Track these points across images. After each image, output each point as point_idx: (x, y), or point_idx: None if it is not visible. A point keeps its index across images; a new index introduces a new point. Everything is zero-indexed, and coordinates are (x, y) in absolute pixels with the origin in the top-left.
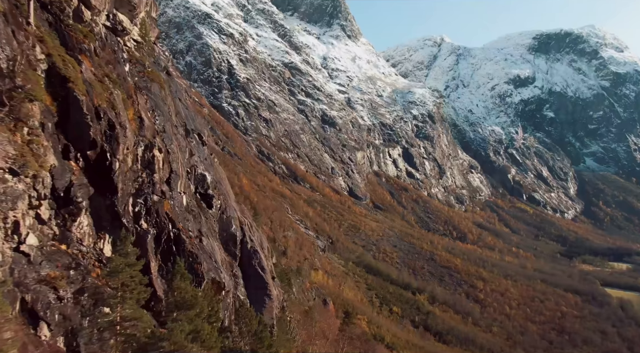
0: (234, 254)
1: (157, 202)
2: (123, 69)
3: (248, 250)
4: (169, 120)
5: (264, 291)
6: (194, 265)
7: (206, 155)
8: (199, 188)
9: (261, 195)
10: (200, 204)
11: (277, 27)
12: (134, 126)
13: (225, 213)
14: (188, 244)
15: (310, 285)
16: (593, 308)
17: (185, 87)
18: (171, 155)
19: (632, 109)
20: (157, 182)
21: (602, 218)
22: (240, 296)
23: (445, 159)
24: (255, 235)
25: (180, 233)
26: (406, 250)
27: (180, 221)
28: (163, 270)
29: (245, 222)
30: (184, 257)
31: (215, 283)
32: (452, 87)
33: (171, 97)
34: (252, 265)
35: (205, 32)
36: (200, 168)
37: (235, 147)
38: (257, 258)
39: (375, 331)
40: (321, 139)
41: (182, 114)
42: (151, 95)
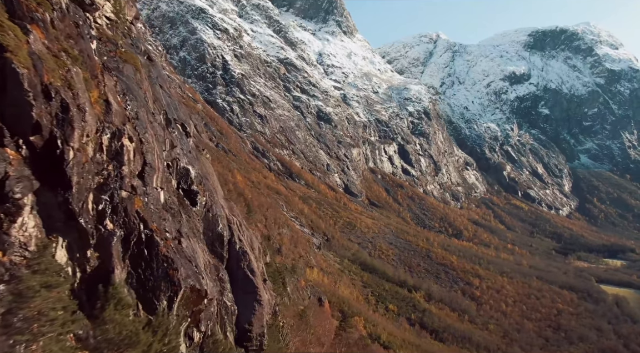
0: (220, 256)
1: (126, 199)
2: (89, 46)
3: (236, 251)
4: (143, 106)
5: (253, 296)
6: (168, 272)
7: (190, 148)
8: (181, 184)
9: (256, 191)
10: (182, 201)
11: (272, 22)
12: (98, 110)
13: (211, 211)
14: (162, 247)
15: (305, 283)
16: (589, 305)
17: (179, 82)
18: (145, 146)
19: (627, 106)
20: (127, 176)
21: (596, 215)
22: (227, 302)
23: (441, 155)
24: (245, 235)
25: (154, 235)
26: (402, 247)
27: (154, 220)
28: (133, 278)
29: (234, 221)
30: (158, 262)
31: (195, 291)
32: (447, 83)
33: (149, 82)
34: (241, 267)
35: (199, 27)
36: (183, 161)
37: (229, 143)
38: (246, 260)
39: (372, 330)
40: (316, 135)
41: (163, 102)
42: (122, 78)
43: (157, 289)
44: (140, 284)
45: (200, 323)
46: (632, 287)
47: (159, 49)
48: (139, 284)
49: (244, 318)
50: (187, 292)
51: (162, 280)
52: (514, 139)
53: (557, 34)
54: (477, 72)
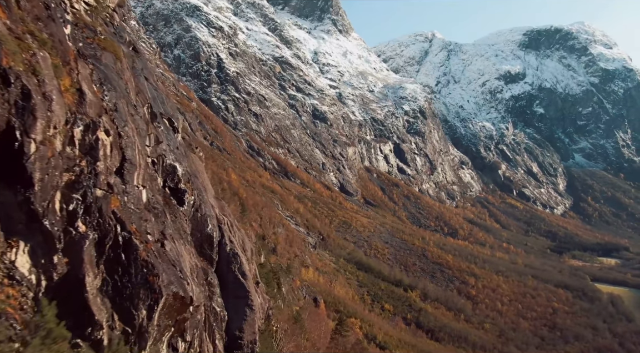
0: (209, 258)
1: (100, 198)
2: (61, 31)
3: (227, 253)
4: (124, 97)
5: (244, 301)
6: (148, 278)
7: (178, 144)
8: (167, 182)
9: (250, 191)
10: (168, 201)
11: (267, 21)
12: (69, 100)
13: (200, 211)
14: (142, 251)
15: (300, 283)
16: (584, 304)
17: (173, 80)
18: (124, 140)
19: (621, 105)
20: (102, 173)
21: (590, 214)
22: (216, 308)
23: (436, 154)
24: (237, 236)
25: (132, 238)
26: (397, 246)
27: (133, 222)
28: (108, 285)
29: (225, 221)
30: (136, 268)
31: (178, 298)
32: (443, 82)
33: (132, 73)
34: (232, 270)
35: (194, 25)
36: (170, 158)
37: (224, 142)
38: (237, 263)
39: (368, 330)
40: (312, 134)
41: (148, 95)
42: (100, 66)
43: (136, 297)
44: (117, 292)
45: (186, 333)
46: (627, 286)
47: (153, 46)
48: (115, 292)
49: (234, 325)
50: (170, 300)
51: (141, 287)
52: (509, 138)
53: (551, 33)
54: (473, 71)
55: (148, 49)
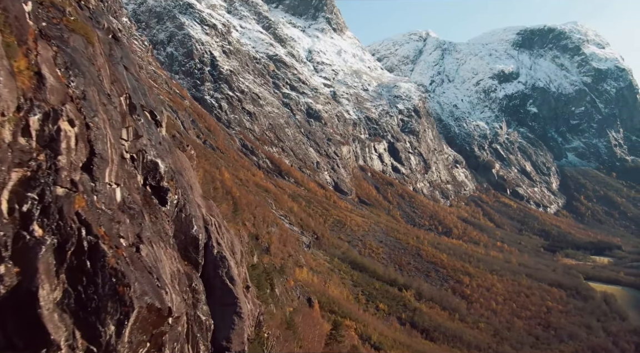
0: (194, 262)
1: (62, 197)
2: (19, 7)
3: (214, 256)
4: (94, 85)
5: (232, 308)
6: (117, 289)
7: (161, 139)
8: (148, 180)
9: (244, 190)
10: (149, 200)
11: (261, 19)
12: (24, 84)
13: (185, 211)
14: (111, 257)
15: (294, 283)
16: (578, 302)
17: (165, 78)
18: (93, 132)
19: (613, 105)
20: (65, 168)
21: (583, 213)
22: (201, 316)
23: (430, 153)
24: (225, 238)
25: (99, 242)
26: (392, 245)
27: (102, 224)
28: (70, 298)
29: (212, 222)
30: (104, 277)
31: (154, 310)
32: (437, 81)
33: (108, 61)
34: (219, 275)
35: (187, 23)
36: (151, 154)
37: (217, 141)
38: (225, 267)
39: (362, 330)
40: (306, 132)
41: (127, 85)
42: (67, 49)
43: (102, 311)
44: (80, 305)
45: (164, 348)
46: (620, 284)
47: (145, 44)
48: (78, 305)
49: (221, 335)
50: (144, 313)
51: (108, 299)
52: (502, 137)
53: (545, 32)
54: (467, 71)
55: (140, 46)
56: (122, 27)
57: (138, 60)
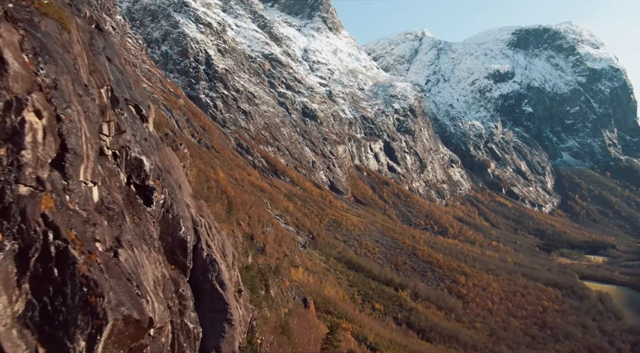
0: (182, 266)
1: (25, 197)
2: None
3: (203, 259)
4: (68, 73)
5: (222, 315)
6: (88, 299)
7: (147, 135)
8: (132, 178)
9: (239, 189)
10: (132, 200)
11: (256, 17)
12: None
13: (172, 212)
14: (82, 264)
15: (289, 284)
16: (573, 302)
17: (160, 76)
18: (66, 125)
19: (607, 105)
20: (30, 165)
21: (578, 212)
22: (189, 324)
23: (426, 153)
24: (216, 239)
25: (69, 248)
26: (388, 245)
27: (73, 227)
28: (34, 310)
29: (202, 223)
30: (73, 286)
31: (132, 322)
32: (433, 81)
33: (88, 50)
34: (208, 279)
35: (181, 21)
36: (135, 150)
37: (212, 140)
38: (215, 271)
39: (358, 331)
40: (302, 132)
41: (110, 77)
42: (37, 34)
43: (72, 325)
44: (46, 319)
45: None
46: (615, 283)
47: (139, 42)
48: (43, 319)
49: (210, 343)
50: (120, 325)
51: (79, 311)
52: (498, 136)
53: (540, 32)
54: (462, 70)
55: (134, 44)
56: (116, 25)
57: (132, 59)
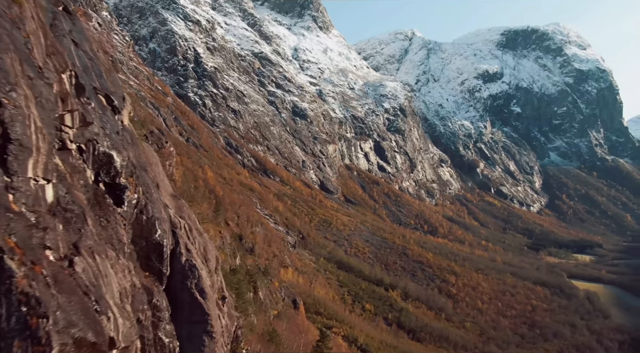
0: (158, 273)
1: None
2: None
3: (182, 265)
4: (15, 52)
5: (202, 326)
6: (28, 321)
7: (119, 129)
8: (101, 176)
9: (228, 188)
10: (100, 200)
11: (246, 16)
12: None
13: (146, 213)
14: (21, 278)
15: (279, 285)
16: (561, 300)
17: (147, 74)
18: (8, 111)
19: (594, 105)
20: None
21: (565, 212)
22: (164, 338)
23: (416, 152)
24: (197, 243)
25: (4, 259)
26: (378, 244)
27: (14, 232)
28: None
29: (181, 224)
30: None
31: (86, 345)
32: (422, 81)
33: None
34: (187, 287)
35: (170, 18)
36: (104, 145)
37: (201, 139)
38: (194, 277)
39: (348, 332)
40: (292, 131)
41: (75, 62)
42: None
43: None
44: None
45: None
46: (602, 282)
47: (126, 39)
48: None
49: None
50: (70, 350)
51: (15, 335)
52: (487, 136)
53: (528, 33)
54: (452, 70)
55: (121, 41)
56: (102, 22)
57: (118, 56)
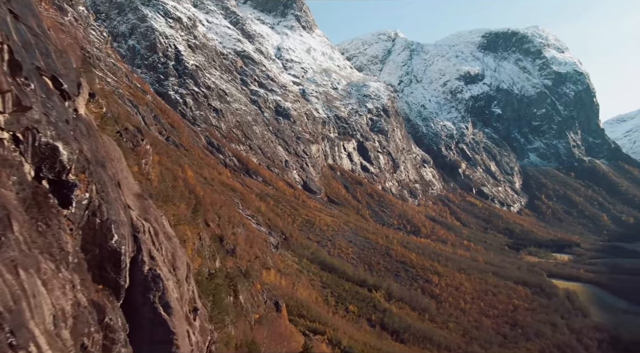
0: (114, 285)
1: None
2: None
3: (144, 275)
4: None
5: (166, 348)
6: None
7: (70, 117)
8: (44, 171)
9: (208, 189)
10: (40, 200)
11: (229, 14)
12: None
13: (100, 215)
14: None
15: (261, 287)
16: (542, 300)
17: (126, 71)
18: None
19: (572, 107)
20: None
21: (544, 211)
22: None
23: (399, 153)
24: (163, 249)
25: None
26: (361, 245)
27: None
28: None
29: (146, 228)
30: None
31: None
32: (405, 82)
33: None
34: (149, 302)
35: (150, 15)
36: (47, 135)
37: (181, 138)
38: (158, 290)
39: (332, 334)
40: (275, 130)
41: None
42: None
43: None
44: None
45: None
46: (580, 281)
47: (104, 34)
48: None
49: None
50: None
51: None
52: (468, 137)
53: (508, 36)
54: (434, 71)
55: (98, 37)
56: (79, 16)
57: (95, 52)
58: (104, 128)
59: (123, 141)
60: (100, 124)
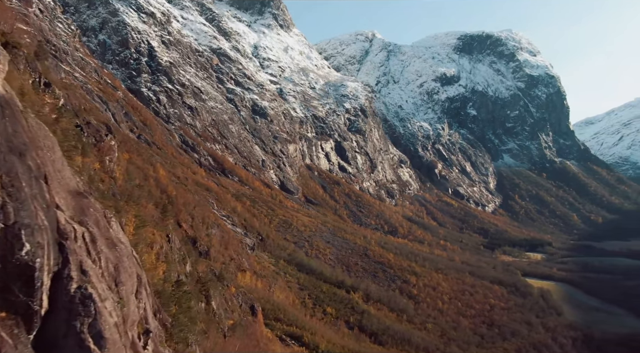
0: (24, 312)
1: None
2: None
3: (70, 296)
4: None
5: None
6: None
7: None
8: None
9: (181, 188)
10: None
11: (204, 10)
12: None
13: (6, 219)
14: None
15: (236, 290)
16: (517, 299)
17: (95, 66)
18: None
19: (544, 110)
20: None
21: (517, 211)
22: None
23: (376, 153)
24: (103, 259)
25: None
26: (339, 245)
27: None
28: None
29: (77, 233)
30: None
31: None
32: (383, 82)
33: None
34: (75, 331)
35: (121, 9)
36: None
37: (154, 136)
38: (87, 315)
39: (310, 338)
40: (251, 130)
41: None
42: None
43: None
44: None
45: None
46: (553, 280)
47: (72, 28)
48: None
49: None
50: None
51: None
52: (444, 138)
53: (483, 39)
54: (411, 72)
55: (65, 30)
56: (44, 8)
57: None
58: (59, 120)
59: (84, 136)
60: (57, 116)
